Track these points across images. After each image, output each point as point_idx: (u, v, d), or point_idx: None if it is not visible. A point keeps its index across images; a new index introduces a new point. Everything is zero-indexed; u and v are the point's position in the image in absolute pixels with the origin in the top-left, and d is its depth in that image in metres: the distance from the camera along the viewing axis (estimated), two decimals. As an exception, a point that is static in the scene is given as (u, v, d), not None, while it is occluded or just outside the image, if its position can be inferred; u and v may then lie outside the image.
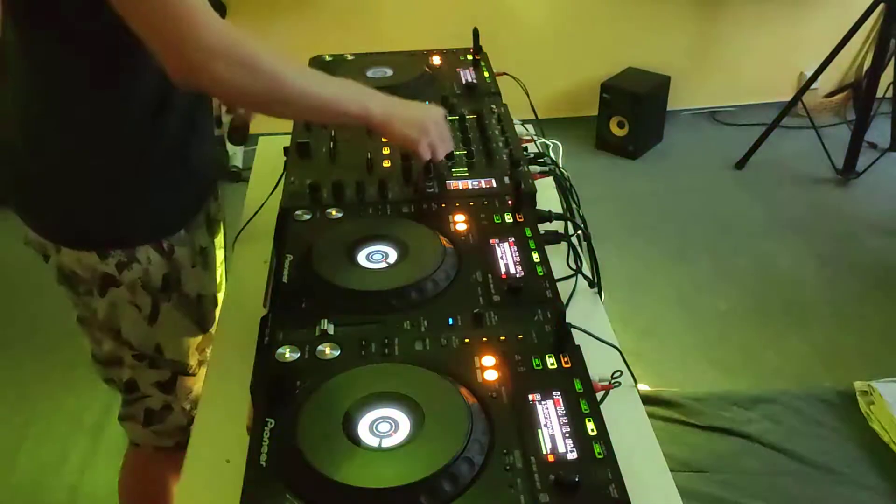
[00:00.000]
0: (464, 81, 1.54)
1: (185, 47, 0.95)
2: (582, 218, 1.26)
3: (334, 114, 1.15)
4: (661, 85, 3.52)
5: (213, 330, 1.33)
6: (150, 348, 1.26)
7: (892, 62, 3.25)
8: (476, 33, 1.61)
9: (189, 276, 1.25)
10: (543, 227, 1.18)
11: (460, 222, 1.14)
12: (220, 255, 1.46)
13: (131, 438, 1.40)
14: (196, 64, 0.96)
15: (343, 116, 1.15)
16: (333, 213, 1.16)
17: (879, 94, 3.26)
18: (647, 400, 1.13)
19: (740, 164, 3.45)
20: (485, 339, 0.92)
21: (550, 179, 1.34)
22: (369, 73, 1.54)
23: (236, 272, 1.31)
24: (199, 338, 1.32)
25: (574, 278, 1.18)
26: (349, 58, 1.62)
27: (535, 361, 0.89)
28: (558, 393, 0.84)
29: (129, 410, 1.34)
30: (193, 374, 1.33)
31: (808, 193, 3.29)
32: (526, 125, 1.59)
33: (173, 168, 1.19)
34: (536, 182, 1.26)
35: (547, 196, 1.32)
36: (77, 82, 1.07)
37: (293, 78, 1.05)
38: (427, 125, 1.18)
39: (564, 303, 1.05)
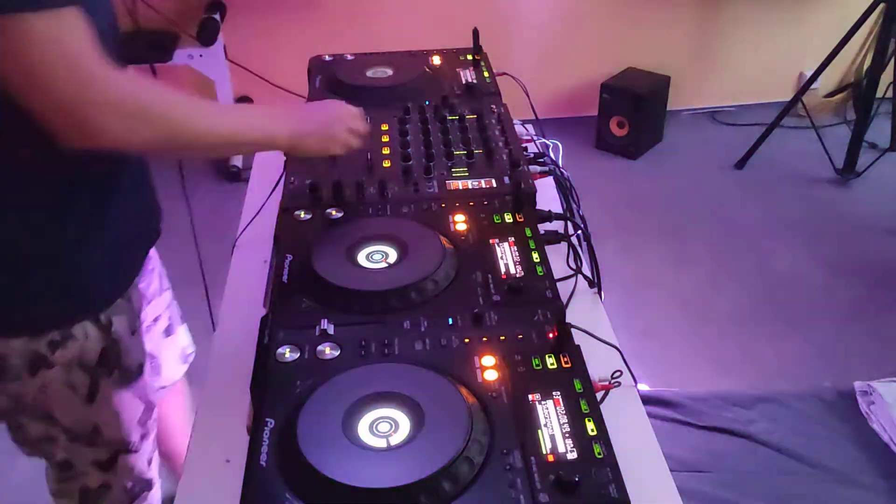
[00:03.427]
0: (464, 81, 1.53)
1: (73, 105, 0.85)
2: (582, 218, 1.26)
3: (240, 146, 1.13)
4: (661, 85, 3.52)
5: (154, 398, 1.24)
6: (87, 429, 1.16)
7: (892, 62, 3.26)
8: (476, 33, 1.61)
9: (129, 345, 1.16)
10: (543, 227, 1.18)
11: (460, 222, 1.14)
12: (165, 298, 1.39)
13: None
14: (88, 123, 0.86)
15: (250, 146, 1.14)
16: (333, 212, 1.16)
17: (879, 94, 3.26)
18: (647, 400, 1.13)
19: (740, 164, 3.45)
20: (485, 339, 0.92)
21: (550, 179, 1.34)
22: (369, 73, 1.54)
23: (236, 272, 1.30)
24: (142, 410, 1.22)
25: (574, 278, 1.18)
26: (349, 58, 1.62)
27: (535, 361, 0.89)
28: (558, 393, 0.84)
29: (62, 487, 1.23)
30: (136, 451, 1.23)
31: (808, 193, 3.29)
32: (526, 125, 1.59)
33: (102, 234, 1.07)
34: (536, 182, 1.26)
35: (547, 196, 1.32)
36: None
37: (188, 121, 0.97)
38: (334, 131, 1.15)
39: (564, 303, 1.05)
